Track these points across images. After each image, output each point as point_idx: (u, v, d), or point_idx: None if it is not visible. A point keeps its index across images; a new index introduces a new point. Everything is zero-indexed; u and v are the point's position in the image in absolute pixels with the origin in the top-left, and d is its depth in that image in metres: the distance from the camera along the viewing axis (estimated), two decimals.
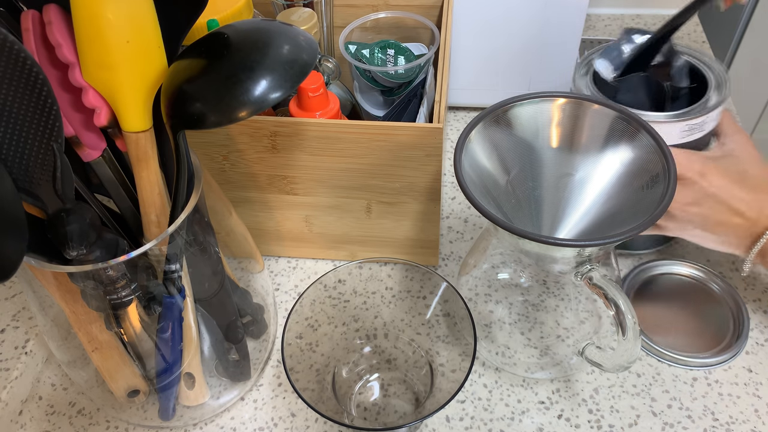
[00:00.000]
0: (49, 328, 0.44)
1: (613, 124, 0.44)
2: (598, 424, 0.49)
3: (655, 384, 0.51)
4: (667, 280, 0.57)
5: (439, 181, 0.51)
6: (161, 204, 0.39)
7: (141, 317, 0.41)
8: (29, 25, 0.34)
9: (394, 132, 0.48)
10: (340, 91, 0.60)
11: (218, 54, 0.34)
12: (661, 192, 0.39)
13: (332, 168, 0.52)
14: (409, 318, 0.51)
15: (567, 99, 0.45)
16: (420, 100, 0.57)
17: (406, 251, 0.59)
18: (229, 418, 0.51)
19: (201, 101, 0.33)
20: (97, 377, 0.45)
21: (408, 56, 0.60)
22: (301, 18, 0.56)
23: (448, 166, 0.69)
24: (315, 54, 0.35)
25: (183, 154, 0.36)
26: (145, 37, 0.34)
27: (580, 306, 0.53)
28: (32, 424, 0.51)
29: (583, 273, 0.42)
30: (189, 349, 0.44)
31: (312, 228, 0.58)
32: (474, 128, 0.44)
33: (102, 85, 0.34)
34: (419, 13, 0.62)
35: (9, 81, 0.31)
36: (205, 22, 0.51)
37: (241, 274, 0.50)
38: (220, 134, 0.51)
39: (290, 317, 0.45)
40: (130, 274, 0.38)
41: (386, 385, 0.51)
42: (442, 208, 0.63)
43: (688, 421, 0.49)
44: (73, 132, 0.36)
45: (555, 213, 0.47)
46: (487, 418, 0.50)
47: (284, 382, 0.53)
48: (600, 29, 0.87)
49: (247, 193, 0.55)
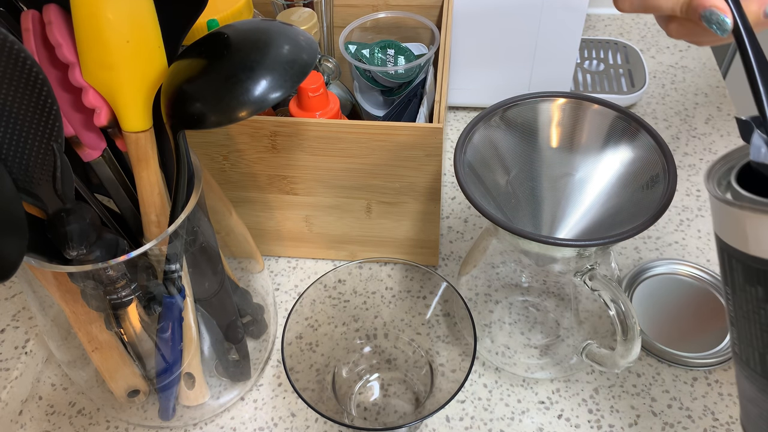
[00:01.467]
0: (49, 328, 0.44)
1: (613, 124, 0.44)
2: (598, 424, 0.49)
3: (655, 384, 0.51)
4: (667, 280, 0.57)
5: (439, 181, 0.51)
6: (161, 204, 0.39)
7: (141, 317, 0.41)
8: (29, 25, 0.34)
9: (394, 132, 0.48)
10: (340, 91, 0.60)
11: (218, 54, 0.34)
12: (661, 192, 0.39)
13: (332, 168, 0.52)
14: (409, 318, 0.51)
15: (567, 99, 0.45)
16: (420, 100, 0.57)
17: (406, 251, 0.59)
18: (229, 418, 0.51)
19: (201, 101, 0.33)
20: (97, 377, 0.45)
21: (408, 56, 0.60)
22: (301, 18, 0.56)
23: (448, 166, 0.69)
24: (315, 54, 0.35)
25: (183, 154, 0.36)
26: (145, 37, 0.34)
27: (580, 306, 0.53)
28: (32, 424, 0.51)
29: (583, 273, 0.42)
30: (189, 349, 0.44)
31: (312, 228, 0.58)
32: (474, 128, 0.44)
33: (102, 85, 0.34)
34: (419, 13, 0.62)
35: (9, 81, 0.31)
36: (205, 22, 0.51)
37: (241, 274, 0.50)
38: (220, 134, 0.51)
39: (290, 317, 0.45)
40: (130, 274, 0.38)
41: (386, 385, 0.51)
42: (442, 208, 0.63)
43: (688, 421, 0.49)
44: (73, 132, 0.36)
45: (555, 213, 0.47)
46: (487, 418, 0.50)
47: (284, 382, 0.53)
48: (600, 29, 0.87)
49: (247, 193, 0.55)
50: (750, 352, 0.32)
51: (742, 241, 0.30)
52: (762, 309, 0.30)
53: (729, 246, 0.31)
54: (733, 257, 0.31)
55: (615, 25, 0.88)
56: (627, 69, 0.77)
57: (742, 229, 0.30)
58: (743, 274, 0.31)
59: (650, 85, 0.78)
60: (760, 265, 0.29)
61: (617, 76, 0.76)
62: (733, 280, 0.32)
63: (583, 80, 0.76)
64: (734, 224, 0.30)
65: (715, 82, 0.78)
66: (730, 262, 0.32)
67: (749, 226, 0.29)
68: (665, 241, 0.61)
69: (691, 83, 0.79)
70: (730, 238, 0.31)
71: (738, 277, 0.31)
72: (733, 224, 0.30)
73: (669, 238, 0.61)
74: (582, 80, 0.76)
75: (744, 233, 0.30)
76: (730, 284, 0.32)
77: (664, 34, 0.86)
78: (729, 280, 0.32)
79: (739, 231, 0.30)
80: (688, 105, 0.75)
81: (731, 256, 0.31)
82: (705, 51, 0.83)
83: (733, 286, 0.32)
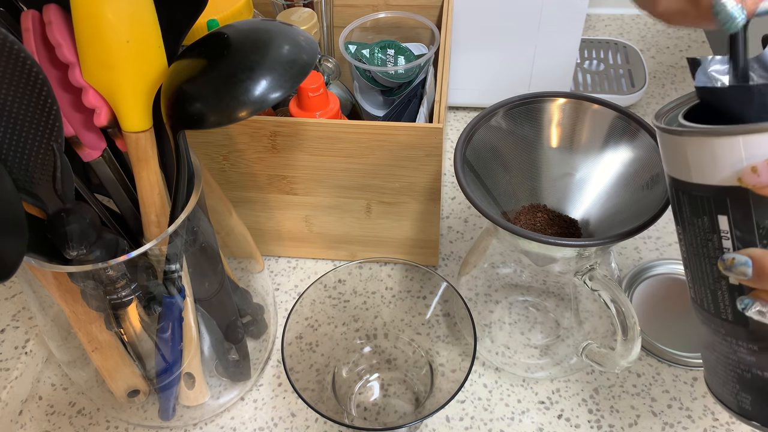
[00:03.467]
0: (49, 328, 0.44)
1: (613, 124, 0.44)
2: (598, 424, 0.49)
3: (655, 384, 0.51)
4: (667, 280, 0.57)
5: (439, 181, 0.51)
6: (161, 204, 0.39)
7: (141, 317, 0.41)
8: (29, 25, 0.34)
9: (394, 132, 0.48)
10: (340, 91, 0.60)
11: (218, 54, 0.34)
12: (661, 192, 0.39)
13: (332, 168, 0.52)
14: (409, 318, 0.51)
15: (567, 99, 0.45)
16: (420, 100, 0.57)
17: (406, 251, 0.59)
18: (229, 418, 0.51)
19: (201, 101, 0.33)
20: (97, 377, 0.45)
21: (408, 56, 0.60)
22: (301, 18, 0.56)
23: (448, 166, 0.69)
24: (315, 54, 0.35)
25: (183, 154, 0.36)
26: (145, 37, 0.34)
27: (580, 306, 0.53)
28: (32, 424, 0.51)
29: (583, 273, 0.42)
30: (189, 349, 0.44)
31: (312, 228, 0.58)
32: (474, 128, 0.44)
33: (102, 85, 0.34)
34: (419, 13, 0.62)
35: (9, 81, 0.31)
36: (205, 22, 0.51)
37: (241, 274, 0.50)
38: (220, 134, 0.51)
39: (290, 317, 0.45)
40: (130, 274, 0.38)
41: (386, 385, 0.51)
42: (442, 208, 0.63)
43: (688, 421, 0.49)
44: (73, 132, 0.36)
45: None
46: (487, 418, 0.50)
47: (284, 382, 0.53)
48: (600, 29, 0.87)
49: (247, 193, 0.55)
50: (703, 292, 0.32)
51: (685, 170, 0.31)
52: (709, 241, 0.31)
53: (675, 179, 0.32)
54: (680, 190, 0.32)
55: (615, 25, 0.88)
56: (627, 69, 0.77)
57: (684, 158, 0.31)
58: (690, 207, 0.31)
59: (650, 85, 0.78)
60: (703, 192, 0.30)
61: (617, 76, 0.76)
62: (682, 216, 0.32)
63: (583, 80, 0.76)
64: (677, 155, 0.31)
65: None
66: (678, 197, 0.32)
67: (690, 153, 0.30)
68: (665, 241, 0.61)
69: (691, 83, 0.78)
70: (675, 170, 0.32)
71: (686, 211, 0.32)
72: (677, 155, 0.31)
73: (669, 238, 0.61)
74: (582, 80, 0.76)
75: (686, 162, 0.31)
76: (680, 222, 0.33)
77: (665, 34, 0.86)
78: (679, 218, 0.33)
79: (683, 161, 0.31)
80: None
81: (678, 189, 0.32)
82: (705, 51, 0.83)
83: (683, 222, 0.32)
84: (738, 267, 0.29)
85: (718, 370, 0.33)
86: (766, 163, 0.27)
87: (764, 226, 0.28)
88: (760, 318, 0.29)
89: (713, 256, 0.30)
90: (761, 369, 0.31)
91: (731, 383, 0.33)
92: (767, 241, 0.28)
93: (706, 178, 0.29)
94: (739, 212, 0.29)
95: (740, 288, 0.30)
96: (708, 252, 0.31)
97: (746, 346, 0.31)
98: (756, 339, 0.30)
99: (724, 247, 0.30)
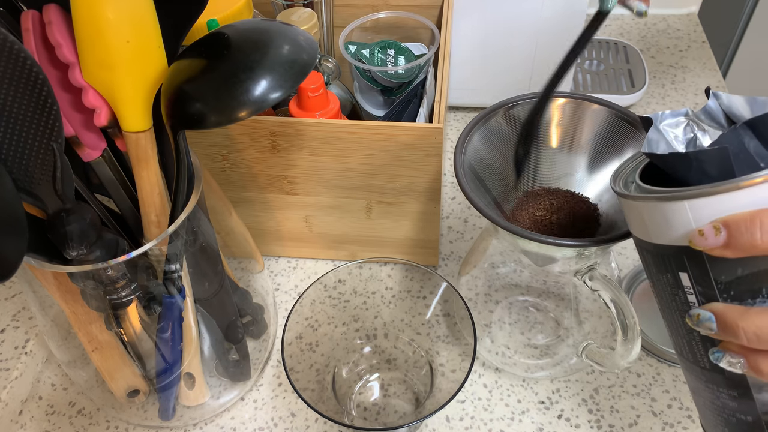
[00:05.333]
0: (49, 328, 0.44)
1: (613, 124, 0.44)
2: (598, 424, 0.49)
3: (655, 384, 0.51)
4: None
5: (439, 181, 0.51)
6: (161, 204, 0.39)
7: (141, 317, 0.41)
8: (29, 25, 0.34)
9: (394, 132, 0.48)
10: (340, 91, 0.60)
11: (218, 54, 0.34)
12: None
13: (332, 168, 0.52)
14: (409, 318, 0.51)
15: (567, 99, 0.45)
16: (420, 100, 0.57)
17: (406, 251, 0.59)
18: (229, 418, 0.51)
19: (201, 101, 0.33)
20: (97, 377, 0.45)
21: (408, 56, 0.60)
22: (301, 18, 0.56)
23: (448, 166, 0.69)
24: (315, 54, 0.35)
25: (183, 154, 0.36)
26: (145, 37, 0.34)
27: (580, 306, 0.53)
28: (32, 424, 0.51)
29: (583, 273, 0.42)
30: (189, 349, 0.44)
31: (312, 228, 0.58)
32: (474, 128, 0.44)
33: (102, 85, 0.34)
34: (419, 13, 0.62)
35: (9, 81, 0.31)
36: (205, 22, 0.51)
37: (241, 274, 0.50)
38: (220, 134, 0.51)
39: (290, 317, 0.45)
40: (130, 274, 0.38)
41: (386, 385, 0.51)
42: (442, 208, 0.63)
43: (688, 421, 0.49)
44: (73, 132, 0.36)
45: None
46: (487, 418, 0.50)
47: (284, 382, 0.53)
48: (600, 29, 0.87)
49: (247, 193, 0.55)
50: (680, 342, 0.33)
51: (644, 231, 0.31)
52: (676, 295, 0.31)
53: (637, 238, 0.33)
54: (643, 248, 0.33)
55: (615, 25, 0.88)
56: (627, 69, 0.77)
57: (641, 219, 0.31)
58: (654, 264, 0.32)
59: (650, 85, 0.78)
60: (663, 251, 0.30)
61: (617, 76, 0.76)
62: (649, 272, 0.33)
63: (583, 80, 0.76)
64: (636, 216, 0.32)
65: (715, 82, 0.78)
66: (643, 256, 0.33)
67: (645, 216, 0.31)
68: None
69: (691, 83, 0.79)
70: (636, 230, 0.33)
71: (652, 268, 0.32)
72: (635, 216, 0.32)
73: None
74: (582, 80, 0.76)
75: (644, 223, 0.31)
76: (648, 277, 0.33)
77: (665, 34, 0.86)
78: (647, 274, 0.33)
79: (641, 222, 0.31)
80: (688, 105, 0.75)
81: (641, 248, 0.33)
82: (705, 51, 0.83)
83: (651, 278, 0.33)
84: (703, 322, 0.29)
85: (707, 414, 0.34)
86: (711, 226, 0.27)
87: (722, 281, 0.29)
88: (731, 368, 0.29)
89: (683, 309, 0.31)
90: (744, 414, 0.31)
91: (720, 426, 0.33)
92: (726, 295, 0.29)
93: (663, 238, 0.30)
94: (696, 269, 0.29)
95: (711, 339, 0.30)
96: (677, 305, 0.31)
97: (726, 392, 0.31)
98: (734, 386, 0.31)
99: (690, 301, 0.30)
